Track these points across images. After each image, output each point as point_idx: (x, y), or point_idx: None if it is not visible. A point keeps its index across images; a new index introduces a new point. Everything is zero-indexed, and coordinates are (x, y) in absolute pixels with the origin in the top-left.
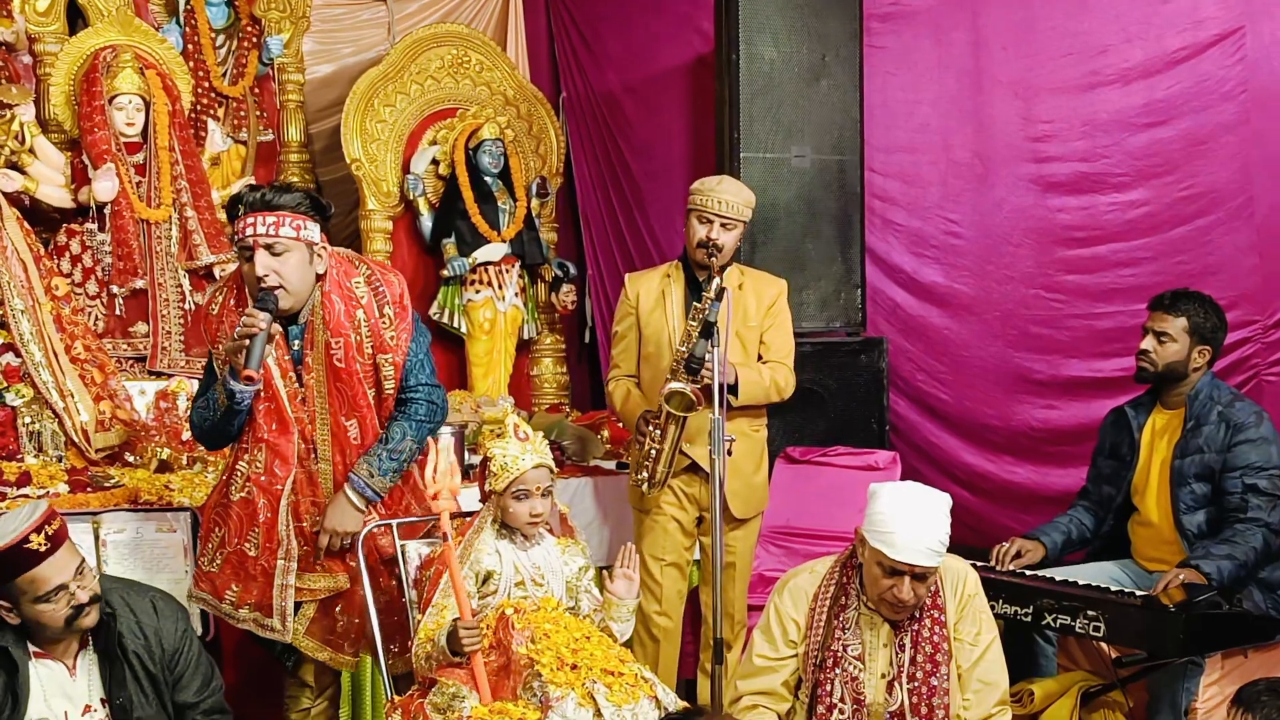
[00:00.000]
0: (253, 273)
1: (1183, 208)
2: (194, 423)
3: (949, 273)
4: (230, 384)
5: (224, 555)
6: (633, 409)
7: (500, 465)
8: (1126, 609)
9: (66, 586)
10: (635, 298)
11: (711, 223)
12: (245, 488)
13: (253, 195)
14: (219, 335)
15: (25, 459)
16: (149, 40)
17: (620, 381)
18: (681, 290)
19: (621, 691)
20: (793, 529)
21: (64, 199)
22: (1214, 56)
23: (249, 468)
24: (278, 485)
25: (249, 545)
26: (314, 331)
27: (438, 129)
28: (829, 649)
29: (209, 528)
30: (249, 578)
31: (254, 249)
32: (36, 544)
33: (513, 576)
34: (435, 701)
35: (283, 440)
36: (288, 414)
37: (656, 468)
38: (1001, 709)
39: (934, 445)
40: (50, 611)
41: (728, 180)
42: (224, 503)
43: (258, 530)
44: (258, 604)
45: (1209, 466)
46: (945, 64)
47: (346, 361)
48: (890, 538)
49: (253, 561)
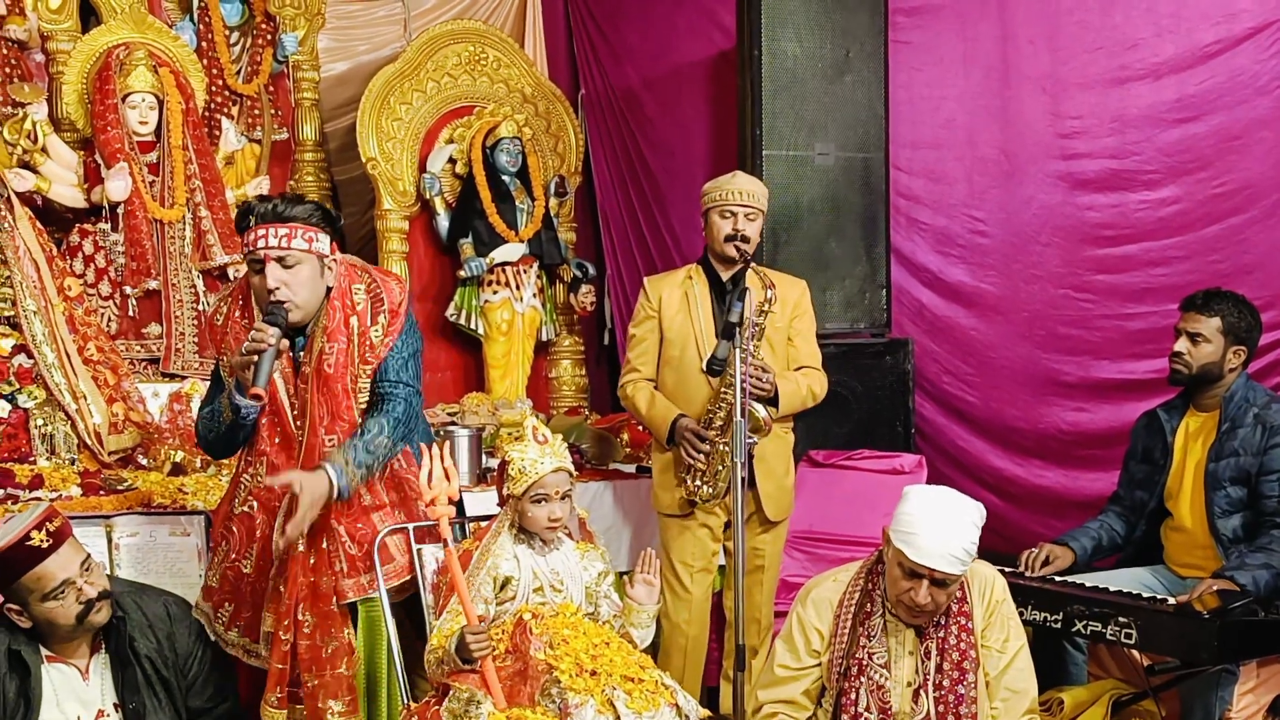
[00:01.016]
0: (263, 285)
1: (1216, 205)
2: (200, 433)
3: (975, 272)
4: (236, 399)
5: (222, 571)
6: (662, 412)
7: (519, 469)
8: (1159, 616)
9: (73, 582)
10: (658, 300)
11: (735, 215)
12: (247, 501)
13: (264, 206)
14: (224, 347)
15: (38, 461)
16: (162, 38)
17: (640, 385)
18: (705, 292)
19: (642, 698)
20: (816, 534)
21: (77, 198)
22: (1248, 50)
23: (251, 481)
24: (275, 501)
25: (245, 563)
26: (314, 339)
27: (454, 127)
28: (854, 657)
29: (217, 540)
30: (241, 598)
31: (265, 261)
32: (38, 541)
33: (531, 582)
34: (451, 708)
35: (283, 456)
36: (291, 429)
37: (719, 483)
38: (1030, 717)
39: (960, 449)
40: (60, 609)
41: (740, 174)
42: (229, 516)
43: (254, 547)
44: (246, 627)
45: (1244, 470)
46: (971, 59)
47: (336, 368)
48: (912, 539)
49: (247, 580)
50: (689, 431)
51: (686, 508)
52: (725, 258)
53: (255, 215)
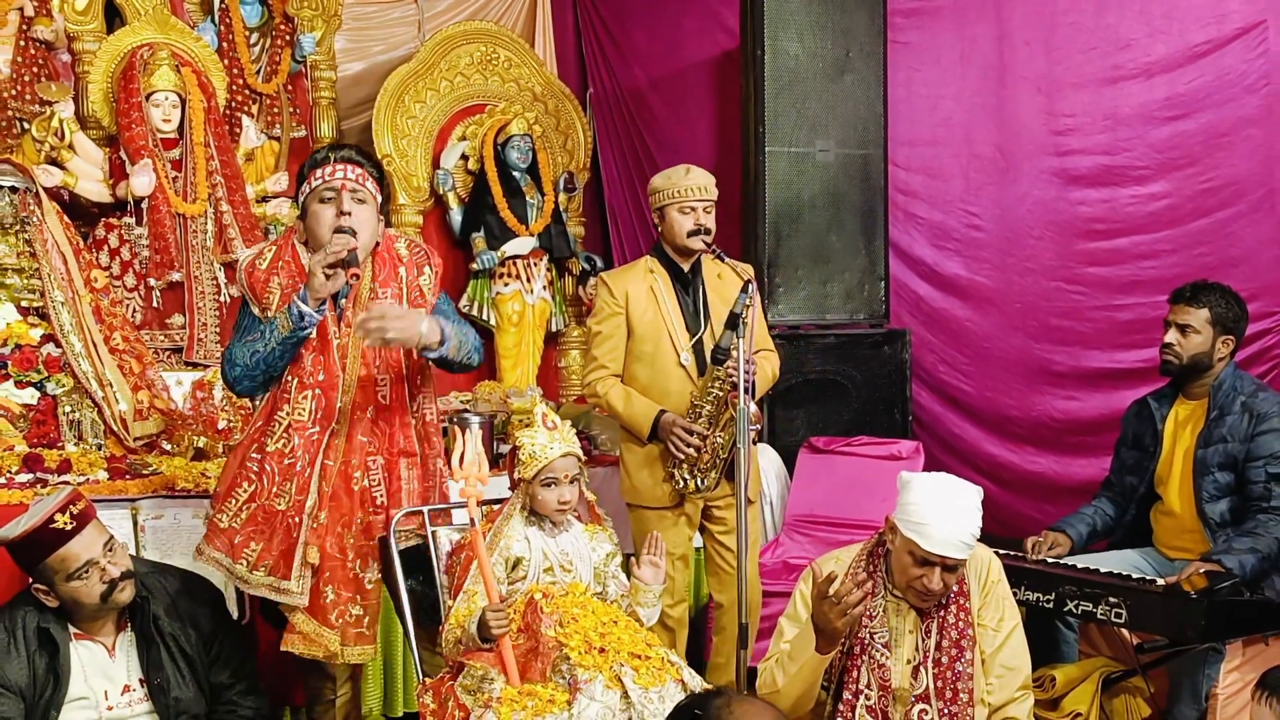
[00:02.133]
0: (329, 215)
1: (1204, 200)
2: (235, 359)
3: (971, 265)
4: (300, 307)
5: (249, 510)
6: (644, 409)
7: (529, 454)
8: (1148, 596)
9: (97, 562)
10: (624, 296)
11: (695, 210)
12: (284, 436)
13: (341, 151)
14: (269, 288)
15: (66, 446)
16: (185, 38)
17: (611, 382)
18: (669, 283)
19: (648, 674)
20: (816, 517)
21: (102, 194)
22: (1236, 50)
23: (291, 414)
24: (318, 435)
25: (280, 499)
26: (359, 288)
27: (467, 125)
28: (856, 636)
29: (233, 483)
30: (273, 534)
31: (340, 191)
32: (62, 523)
33: (541, 562)
34: (465, 684)
35: (329, 389)
36: (335, 365)
37: (710, 473)
38: (1024, 693)
39: (956, 436)
40: (84, 588)
41: (692, 168)
42: (258, 455)
43: (291, 482)
44: (275, 564)
45: (1232, 456)
46: (968, 59)
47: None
48: (925, 529)
49: (281, 516)
50: (677, 426)
51: (675, 500)
52: (689, 250)
53: (332, 153)
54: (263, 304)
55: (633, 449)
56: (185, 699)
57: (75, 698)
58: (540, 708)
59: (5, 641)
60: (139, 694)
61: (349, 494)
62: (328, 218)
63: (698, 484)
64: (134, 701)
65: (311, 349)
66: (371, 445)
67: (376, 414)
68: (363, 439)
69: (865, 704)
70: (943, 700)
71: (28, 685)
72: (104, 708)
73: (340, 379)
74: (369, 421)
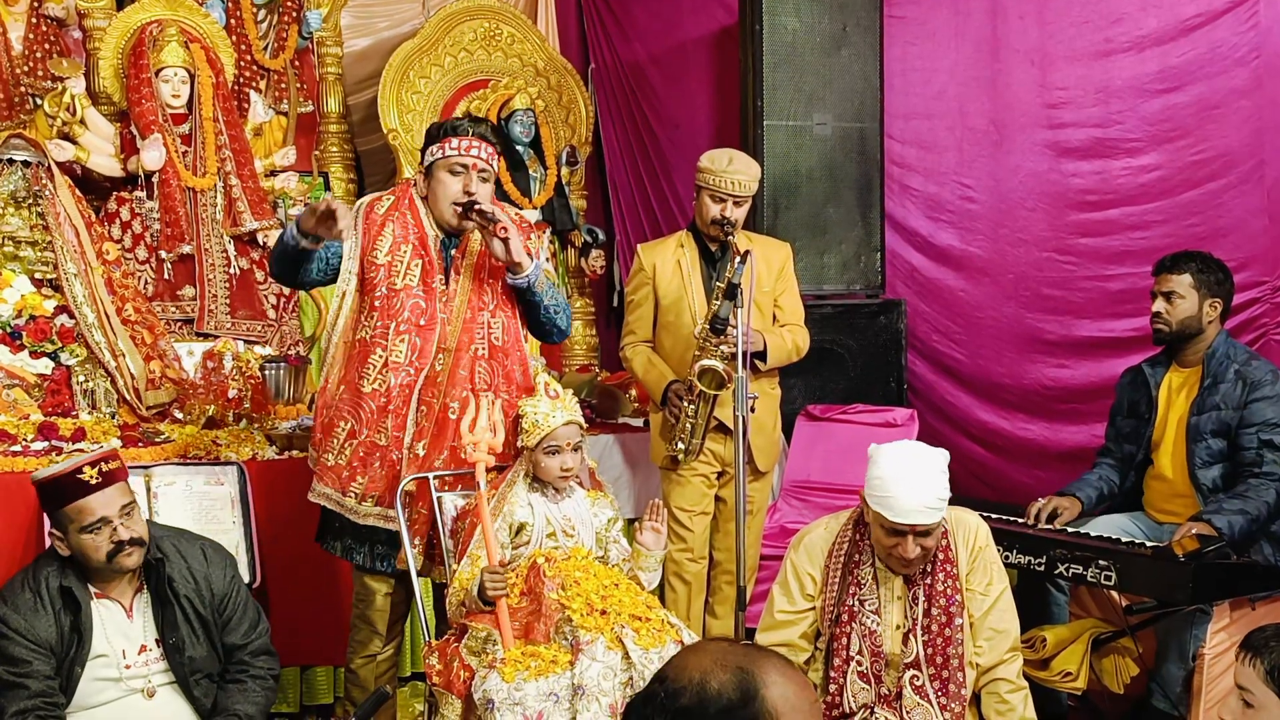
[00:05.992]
0: (455, 189)
1: (1194, 172)
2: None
3: (964, 236)
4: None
5: (352, 446)
6: (657, 376)
7: (532, 422)
8: (1137, 559)
9: (110, 520)
10: (652, 268)
11: (725, 201)
12: (379, 377)
13: (478, 127)
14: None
15: (80, 415)
16: (193, 15)
17: (638, 348)
18: (696, 258)
19: (649, 636)
20: (812, 483)
21: (114, 168)
22: (1227, 23)
23: (388, 355)
24: (413, 376)
25: (380, 435)
26: (469, 240)
27: (471, 99)
28: (845, 604)
29: (332, 422)
30: (375, 469)
31: (471, 169)
32: (88, 476)
33: (544, 528)
34: (470, 645)
35: (426, 333)
36: (436, 311)
37: (692, 440)
38: (1013, 655)
39: (949, 403)
40: (92, 542)
41: (737, 158)
42: (354, 396)
43: (389, 419)
44: (382, 495)
45: (1225, 423)
46: (963, 33)
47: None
48: (889, 500)
49: (384, 450)
50: (673, 394)
51: (671, 464)
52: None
53: (471, 126)
54: (373, 247)
55: (653, 413)
56: (199, 658)
57: (97, 654)
58: (543, 668)
59: (32, 601)
60: (155, 654)
61: (444, 427)
62: (453, 191)
63: (686, 449)
64: (150, 661)
65: (413, 296)
66: (482, 383)
67: (491, 353)
68: (463, 373)
69: (857, 670)
70: (934, 666)
71: (56, 642)
72: (122, 666)
73: (439, 322)
74: (476, 359)
